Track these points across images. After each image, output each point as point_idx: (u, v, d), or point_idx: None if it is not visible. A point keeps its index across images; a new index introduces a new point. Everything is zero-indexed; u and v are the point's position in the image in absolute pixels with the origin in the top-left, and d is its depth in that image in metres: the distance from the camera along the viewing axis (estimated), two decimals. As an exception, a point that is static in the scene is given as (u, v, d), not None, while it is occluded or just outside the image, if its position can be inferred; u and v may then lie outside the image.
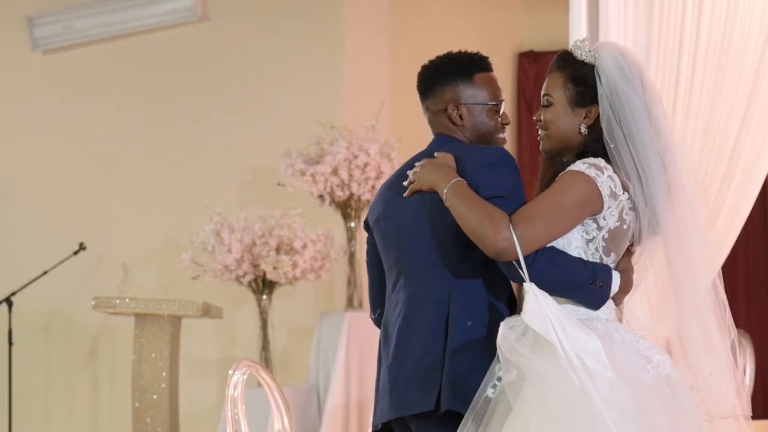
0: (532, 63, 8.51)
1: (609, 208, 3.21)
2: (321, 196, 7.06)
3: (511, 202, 3.21)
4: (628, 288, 3.29)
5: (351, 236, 7.14)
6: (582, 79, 3.30)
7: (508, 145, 3.63)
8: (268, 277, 6.85)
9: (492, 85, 3.50)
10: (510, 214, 3.16)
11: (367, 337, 6.90)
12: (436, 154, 3.39)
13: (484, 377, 3.18)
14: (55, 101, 8.65)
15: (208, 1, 8.13)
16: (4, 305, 7.77)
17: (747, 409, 3.29)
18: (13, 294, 7.78)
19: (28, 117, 8.72)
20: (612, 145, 3.24)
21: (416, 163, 3.43)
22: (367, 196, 7.01)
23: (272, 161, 7.45)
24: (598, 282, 3.21)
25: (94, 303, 6.72)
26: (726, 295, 3.35)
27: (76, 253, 7.94)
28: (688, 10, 5.67)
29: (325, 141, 7.12)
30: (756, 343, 7.42)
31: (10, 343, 7.75)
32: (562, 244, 3.22)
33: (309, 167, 7.00)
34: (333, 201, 7.07)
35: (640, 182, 3.22)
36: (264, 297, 6.99)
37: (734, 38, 5.68)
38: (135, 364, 6.61)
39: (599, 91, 3.27)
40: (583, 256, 3.23)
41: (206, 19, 8.15)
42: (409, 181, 3.43)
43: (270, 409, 4.55)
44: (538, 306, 3.09)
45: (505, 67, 8.51)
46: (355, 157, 6.96)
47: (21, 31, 8.64)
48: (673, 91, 5.69)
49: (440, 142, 3.48)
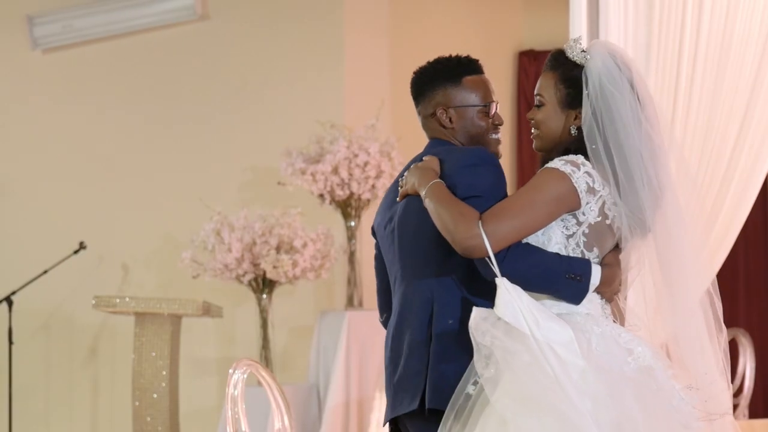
0: (532, 62, 8.50)
1: (588, 203, 3.23)
2: (321, 195, 7.07)
3: (488, 201, 3.25)
4: (610, 282, 3.28)
5: (351, 235, 7.15)
6: (572, 81, 3.31)
7: (507, 144, 3.65)
8: (269, 276, 6.85)
9: (480, 87, 3.53)
10: (482, 212, 3.20)
11: (367, 336, 6.91)
12: (424, 158, 3.45)
13: (464, 374, 3.21)
14: (55, 100, 8.65)
15: (209, 0, 8.14)
16: (5, 304, 7.77)
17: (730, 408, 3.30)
18: (14, 293, 7.78)
19: (28, 116, 8.72)
20: (593, 146, 3.25)
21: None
22: (367, 195, 7.01)
23: (272, 160, 7.45)
24: (575, 276, 3.22)
25: (94, 302, 6.72)
26: (726, 295, 3.35)
27: (76, 252, 7.94)
28: (688, 9, 5.66)
29: (326, 140, 7.12)
30: (756, 343, 7.43)
31: (11, 342, 7.75)
32: (542, 240, 3.25)
33: (309, 166, 7.01)
34: (333, 200, 7.07)
35: (617, 184, 3.23)
36: (264, 296, 7.00)
37: (734, 38, 5.68)
38: (135, 363, 6.61)
39: (584, 93, 3.28)
40: (564, 252, 3.25)
41: (206, 18, 8.15)
42: (401, 184, 3.49)
43: (270, 408, 4.55)
44: (510, 299, 3.13)
45: (505, 67, 8.51)
46: (356, 156, 6.97)
47: (21, 30, 8.64)
48: (673, 91, 5.69)
49: (432, 146, 3.53)
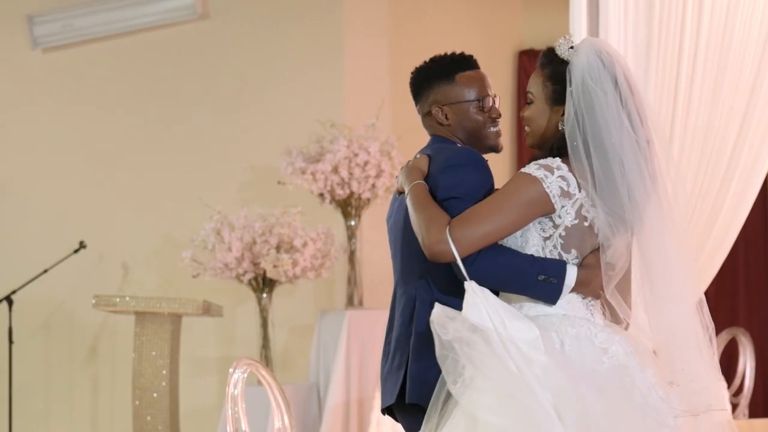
0: (532, 61, 8.50)
1: (563, 207, 3.24)
2: (321, 195, 7.07)
3: (467, 203, 3.29)
4: (587, 283, 3.28)
5: (351, 234, 7.15)
6: (558, 77, 3.32)
7: (508, 144, 3.66)
8: (269, 275, 6.85)
9: (474, 83, 3.55)
10: (455, 217, 3.25)
11: (367, 335, 6.91)
12: (417, 155, 3.49)
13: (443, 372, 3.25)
14: (56, 99, 8.65)
15: (209, -1, 8.15)
16: (5, 303, 7.78)
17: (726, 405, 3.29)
18: (14, 292, 7.78)
19: (29, 115, 8.72)
20: (574, 143, 3.26)
21: None
22: (367, 195, 7.01)
23: (272, 159, 7.45)
24: (548, 278, 3.25)
25: (94, 301, 6.72)
26: (726, 294, 3.35)
27: (76, 251, 7.94)
28: (688, 9, 5.66)
29: (326, 139, 7.12)
30: (756, 342, 7.43)
31: (11, 342, 7.75)
32: (520, 242, 3.29)
33: (309, 165, 7.01)
34: (333, 199, 7.07)
35: (594, 181, 3.23)
36: (264, 295, 7.00)
37: (734, 38, 5.68)
38: (135, 363, 6.61)
39: (567, 89, 3.29)
40: (541, 253, 3.28)
41: (206, 17, 8.15)
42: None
43: (270, 407, 4.55)
44: (476, 302, 3.17)
45: (506, 66, 8.51)
46: (356, 155, 6.97)
47: (21, 29, 8.65)
48: (673, 91, 5.69)
49: (432, 143, 3.57)
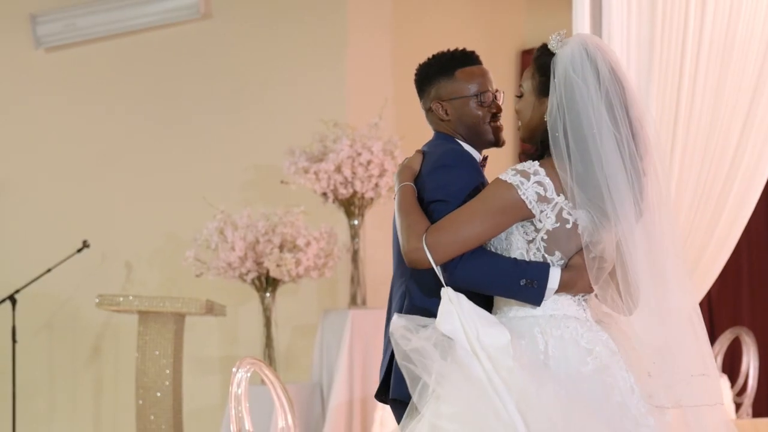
0: (535, 61, 8.49)
1: (543, 211, 3.26)
2: (324, 194, 7.07)
3: (452, 206, 3.32)
4: (572, 285, 3.30)
5: (354, 234, 7.14)
6: (545, 69, 3.33)
7: (510, 143, 3.66)
8: (272, 274, 6.85)
9: (473, 78, 3.56)
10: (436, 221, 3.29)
11: (370, 335, 6.90)
12: (416, 152, 3.53)
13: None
14: (58, 99, 8.65)
15: (211, -1, 8.15)
16: (8, 303, 7.78)
17: (718, 399, 3.28)
18: (17, 291, 7.79)
19: (31, 115, 8.73)
20: (556, 134, 3.27)
21: None
22: (370, 194, 7.01)
23: (275, 159, 7.45)
24: (530, 282, 3.28)
25: (97, 300, 6.72)
26: (729, 294, 3.35)
27: (79, 250, 7.94)
28: (691, 8, 5.66)
29: (329, 139, 7.12)
30: (759, 342, 7.42)
31: (14, 341, 7.75)
32: (504, 245, 3.31)
33: (312, 165, 7.01)
34: (336, 199, 7.07)
35: (572, 172, 3.24)
36: (267, 294, 7.00)
37: (737, 37, 5.67)
38: (138, 362, 6.61)
39: (551, 81, 3.30)
40: (526, 257, 3.30)
41: (209, 17, 8.15)
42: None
43: (273, 406, 4.55)
44: (450, 310, 3.20)
45: (508, 65, 8.51)
46: (359, 154, 6.96)
47: (24, 28, 8.65)
48: (675, 90, 5.68)
49: (435, 139, 3.59)
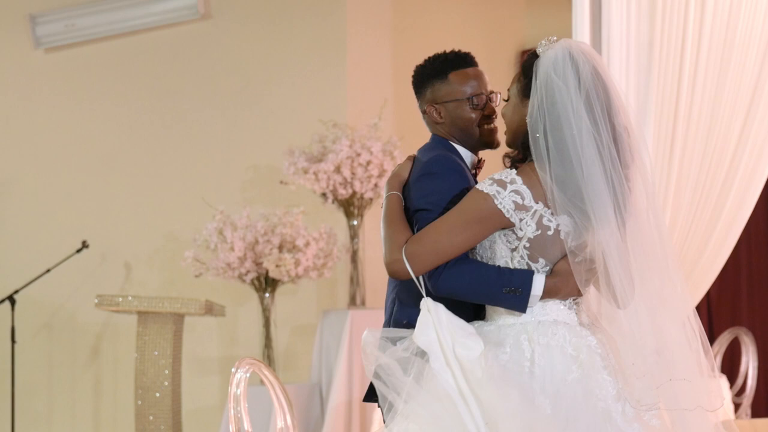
0: (534, 61, 8.49)
1: (522, 219, 3.26)
2: (324, 194, 7.07)
3: (435, 214, 3.34)
4: (556, 291, 3.30)
5: (354, 234, 7.14)
6: (528, 71, 3.33)
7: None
8: (271, 275, 6.85)
9: (467, 80, 3.56)
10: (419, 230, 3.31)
11: (369, 335, 6.90)
12: (407, 159, 3.56)
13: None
14: (58, 99, 8.65)
15: (211, -1, 8.15)
16: (7, 303, 7.78)
17: (709, 403, 3.28)
18: (16, 292, 7.79)
19: (31, 115, 8.72)
20: (536, 135, 3.26)
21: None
22: (369, 194, 7.01)
23: (275, 159, 7.45)
24: (513, 290, 3.29)
25: (96, 301, 6.73)
26: (729, 294, 3.34)
27: (78, 251, 7.94)
28: (690, 9, 5.66)
29: (328, 139, 7.12)
30: (758, 342, 7.42)
31: (13, 341, 7.75)
32: (488, 253, 3.32)
33: (312, 165, 7.01)
34: (336, 199, 7.07)
35: (552, 173, 3.23)
36: (266, 295, 7.00)
37: (737, 37, 5.67)
38: (138, 362, 6.61)
39: (533, 83, 3.30)
40: (510, 264, 3.31)
41: (209, 17, 8.16)
42: None
43: (272, 407, 4.55)
44: (428, 321, 3.22)
45: (508, 65, 8.51)
46: (358, 155, 6.96)
47: (23, 29, 8.65)
48: (675, 90, 5.68)
49: (431, 141, 3.60)
